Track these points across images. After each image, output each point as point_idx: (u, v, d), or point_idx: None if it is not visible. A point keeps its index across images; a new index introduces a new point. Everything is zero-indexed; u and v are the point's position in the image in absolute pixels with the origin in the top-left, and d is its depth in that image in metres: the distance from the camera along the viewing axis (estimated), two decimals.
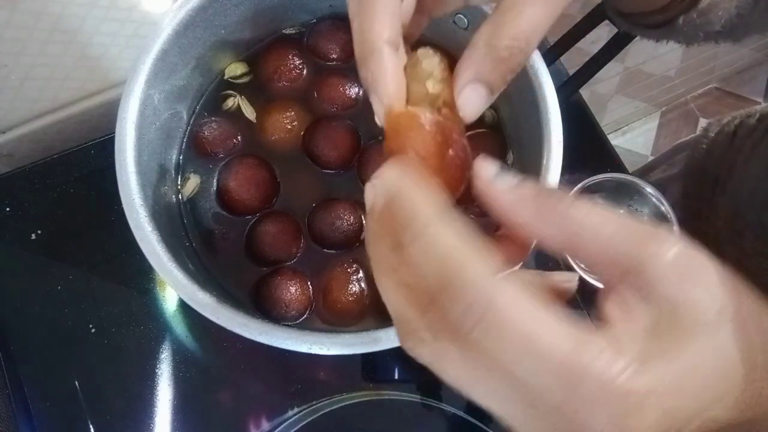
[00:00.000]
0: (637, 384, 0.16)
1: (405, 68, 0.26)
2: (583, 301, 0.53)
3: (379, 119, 0.26)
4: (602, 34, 0.52)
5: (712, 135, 0.62)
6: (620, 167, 0.61)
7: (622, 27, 0.41)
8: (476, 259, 0.18)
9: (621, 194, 0.58)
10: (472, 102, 0.25)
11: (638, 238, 0.18)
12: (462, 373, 0.18)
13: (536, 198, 0.20)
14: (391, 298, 0.20)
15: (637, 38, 0.41)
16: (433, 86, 0.25)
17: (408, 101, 0.25)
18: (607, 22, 0.46)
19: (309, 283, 0.46)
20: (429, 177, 0.22)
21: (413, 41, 0.30)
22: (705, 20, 0.34)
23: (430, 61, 0.26)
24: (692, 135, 0.70)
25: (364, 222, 0.47)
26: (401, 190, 0.20)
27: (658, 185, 0.55)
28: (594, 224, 0.19)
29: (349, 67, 0.51)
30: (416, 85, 0.26)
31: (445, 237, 0.18)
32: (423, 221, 0.19)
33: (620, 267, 0.19)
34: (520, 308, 0.17)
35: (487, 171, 0.21)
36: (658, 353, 0.17)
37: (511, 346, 0.17)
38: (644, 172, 0.75)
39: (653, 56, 1.47)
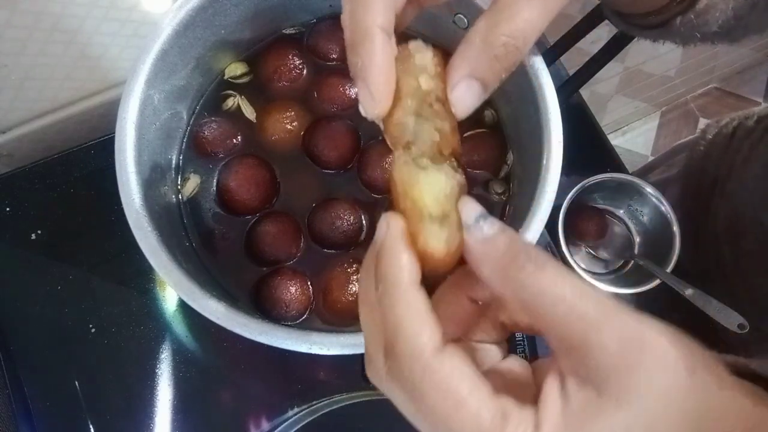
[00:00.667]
0: None
1: (396, 60, 0.25)
2: None
3: (365, 110, 0.25)
4: (602, 34, 0.52)
5: (710, 136, 0.62)
6: (620, 167, 0.61)
7: (619, 27, 0.41)
8: (422, 333, 0.20)
9: (621, 194, 0.58)
10: (466, 98, 0.24)
11: (589, 322, 0.19)
12: (406, 413, 0.21)
13: (502, 258, 0.20)
14: (365, 329, 0.23)
15: (637, 38, 0.41)
16: (425, 82, 0.24)
17: (397, 95, 0.25)
18: (607, 22, 0.46)
19: (309, 283, 0.46)
20: (413, 246, 0.22)
21: (399, 32, 0.29)
22: (702, 21, 0.34)
23: (423, 55, 0.25)
24: (691, 136, 0.70)
25: (363, 222, 0.47)
26: (387, 250, 0.22)
27: (657, 186, 0.55)
28: (549, 300, 0.19)
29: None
30: (407, 78, 0.25)
31: (403, 307, 0.21)
32: (392, 283, 0.21)
33: (567, 344, 0.19)
34: (452, 380, 0.20)
35: (468, 215, 0.22)
36: None
37: (442, 411, 0.19)
38: (643, 174, 0.75)
39: (653, 56, 1.47)
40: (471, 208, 0.22)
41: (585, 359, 0.19)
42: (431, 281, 0.23)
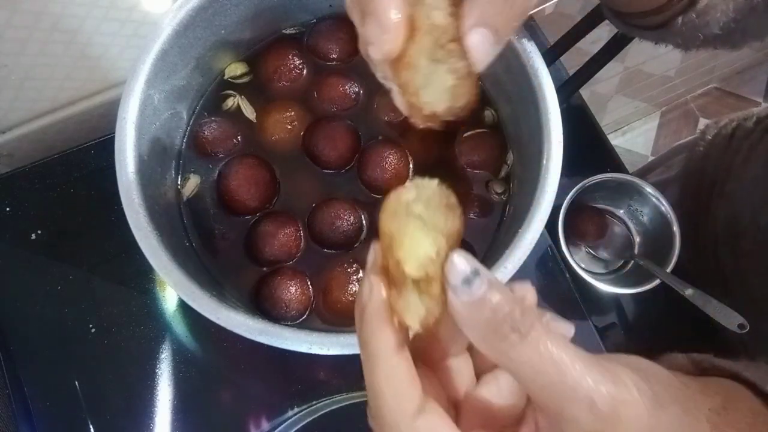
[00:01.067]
0: None
1: None
2: (584, 303, 0.53)
3: (373, 50, 0.23)
4: (602, 34, 0.52)
5: (710, 137, 0.62)
6: (620, 167, 0.61)
7: (619, 28, 0.41)
8: (401, 401, 0.21)
9: (621, 194, 0.58)
10: (481, 47, 0.23)
11: (565, 398, 0.19)
12: None
13: (487, 325, 0.20)
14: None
15: (639, 40, 0.41)
16: (440, 17, 0.22)
17: (411, 31, 0.22)
18: (607, 22, 0.46)
19: (309, 283, 0.46)
20: (392, 313, 0.22)
21: None
22: (703, 21, 0.34)
23: None
24: (690, 137, 0.70)
25: (363, 222, 0.47)
26: (368, 320, 0.22)
27: (657, 187, 0.55)
28: (528, 372, 0.20)
29: (349, 67, 0.51)
30: (419, 15, 0.22)
31: (382, 376, 0.21)
32: (372, 352, 0.21)
33: (544, 413, 0.20)
34: None
35: (453, 277, 0.21)
36: None
37: None
38: (642, 174, 0.75)
39: (653, 56, 1.47)
40: (458, 269, 0.21)
41: (561, 428, 0.20)
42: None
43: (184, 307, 0.53)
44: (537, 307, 0.23)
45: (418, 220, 0.22)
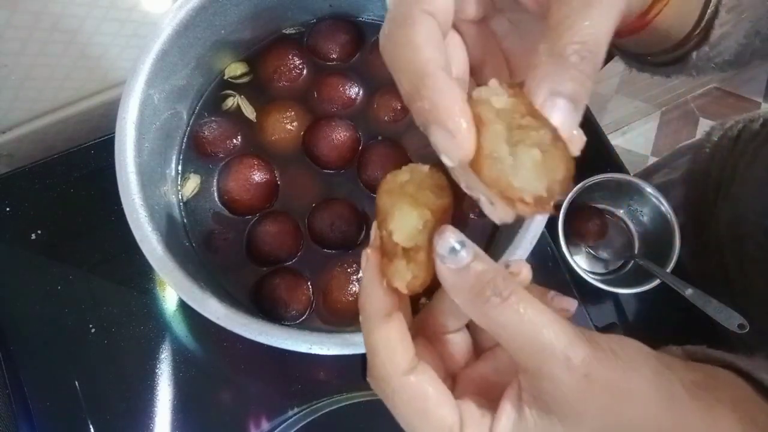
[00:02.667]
0: None
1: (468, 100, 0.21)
2: (584, 303, 0.53)
3: (450, 157, 0.21)
4: None
5: (715, 139, 0.62)
6: (620, 167, 0.61)
7: (633, 66, 0.40)
8: (392, 359, 0.24)
9: (621, 194, 0.58)
10: (565, 119, 0.20)
11: (544, 355, 0.21)
12: (394, 414, 0.24)
13: (470, 290, 0.22)
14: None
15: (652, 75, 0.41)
16: (503, 102, 0.21)
17: (479, 126, 0.21)
18: None
19: (309, 283, 0.46)
20: (385, 280, 0.24)
21: None
22: (716, 52, 0.34)
23: (488, 88, 0.22)
24: (694, 138, 0.70)
25: (363, 222, 0.47)
26: (364, 285, 0.25)
27: (660, 189, 0.55)
28: (509, 332, 0.21)
29: (349, 67, 0.51)
30: (482, 108, 0.21)
31: (376, 336, 0.24)
32: (368, 315, 0.24)
33: (523, 370, 0.22)
34: (417, 398, 0.23)
35: (441, 247, 0.23)
36: None
37: (411, 422, 0.23)
38: (647, 175, 0.74)
39: None
40: (445, 240, 0.23)
41: (540, 386, 0.21)
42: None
43: (184, 307, 0.53)
44: (537, 285, 0.26)
45: (409, 197, 0.24)
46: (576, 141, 0.21)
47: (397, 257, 0.24)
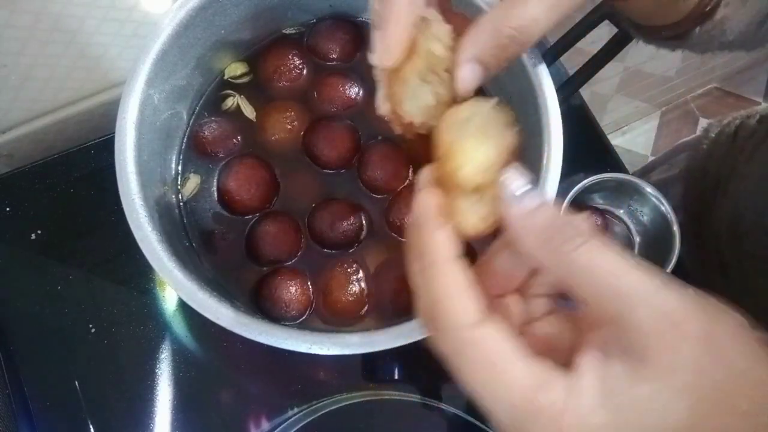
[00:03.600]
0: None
1: (414, 25, 0.26)
2: None
3: (376, 58, 0.27)
4: (602, 34, 0.52)
5: (713, 136, 0.62)
6: (620, 167, 0.61)
7: (637, 37, 0.41)
8: (459, 310, 0.21)
9: (621, 194, 0.58)
10: (468, 78, 0.26)
11: (625, 301, 0.19)
12: (455, 373, 0.21)
13: (543, 232, 0.21)
14: (418, 294, 0.23)
15: (657, 48, 0.41)
16: (439, 49, 0.26)
17: (409, 54, 0.26)
18: (607, 22, 0.46)
19: (309, 283, 0.46)
20: (448, 218, 0.23)
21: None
22: (719, 31, 0.35)
23: (440, 26, 0.26)
24: (692, 135, 0.70)
25: (363, 222, 0.47)
26: (424, 228, 0.23)
27: (658, 186, 0.55)
28: (588, 276, 0.20)
29: (349, 67, 0.51)
30: (422, 42, 0.26)
31: (441, 284, 0.22)
32: (429, 260, 0.22)
33: (605, 318, 0.20)
34: (488, 354, 0.21)
35: (510, 188, 0.22)
36: (613, 408, 0.19)
37: (480, 381, 0.21)
38: (644, 173, 0.74)
39: (653, 56, 1.47)
40: (513, 182, 0.22)
41: (621, 334, 0.19)
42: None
43: (184, 307, 0.53)
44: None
45: (477, 131, 0.24)
46: (464, 89, 0.26)
47: (459, 197, 0.23)
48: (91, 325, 0.52)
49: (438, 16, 0.27)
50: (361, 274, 0.45)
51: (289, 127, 0.49)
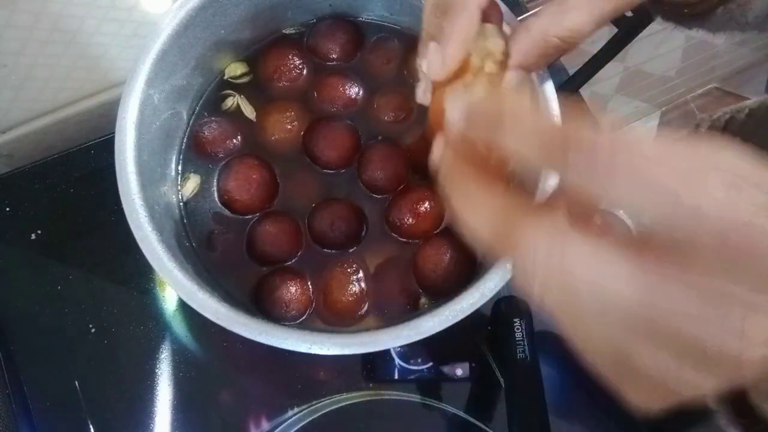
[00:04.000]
0: None
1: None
2: None
3: (429, 69, 0.28)
4: (602, 34, 0.52)
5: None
6: None
7: (655, 14, 0.41)
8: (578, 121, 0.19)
9: None
10: (514, 81, 0.29)
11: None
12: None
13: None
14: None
15: (638, 38, 0.41)
16: (489, 67, 0.28)
17: (464, 65, 0.28)
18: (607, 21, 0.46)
19: (309, 283, 0.46)
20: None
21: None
22: (741, 11, 0.35)
23: (495, 41, 0.28)
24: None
25: (363, 222, 0.47)
26: (501, 97, 0.25)
27: None
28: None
29: (349, 67, 0.51)
30: (475, 57, 0.28)
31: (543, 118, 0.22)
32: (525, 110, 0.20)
33: (669, 245, 0.17)
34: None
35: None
36: None
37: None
38: None
39: (653, 56, 1.47)
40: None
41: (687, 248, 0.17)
42: None
43: (184, 307, 0.53)
44: None
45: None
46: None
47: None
48: (91, 325, 0.52)
49: (494, 31, 0.29)
50: (361, 274, 0.45)
51: (289, 127, 0.49)
